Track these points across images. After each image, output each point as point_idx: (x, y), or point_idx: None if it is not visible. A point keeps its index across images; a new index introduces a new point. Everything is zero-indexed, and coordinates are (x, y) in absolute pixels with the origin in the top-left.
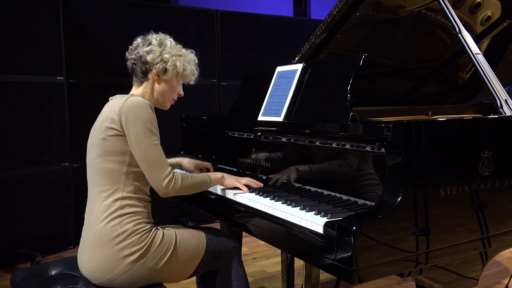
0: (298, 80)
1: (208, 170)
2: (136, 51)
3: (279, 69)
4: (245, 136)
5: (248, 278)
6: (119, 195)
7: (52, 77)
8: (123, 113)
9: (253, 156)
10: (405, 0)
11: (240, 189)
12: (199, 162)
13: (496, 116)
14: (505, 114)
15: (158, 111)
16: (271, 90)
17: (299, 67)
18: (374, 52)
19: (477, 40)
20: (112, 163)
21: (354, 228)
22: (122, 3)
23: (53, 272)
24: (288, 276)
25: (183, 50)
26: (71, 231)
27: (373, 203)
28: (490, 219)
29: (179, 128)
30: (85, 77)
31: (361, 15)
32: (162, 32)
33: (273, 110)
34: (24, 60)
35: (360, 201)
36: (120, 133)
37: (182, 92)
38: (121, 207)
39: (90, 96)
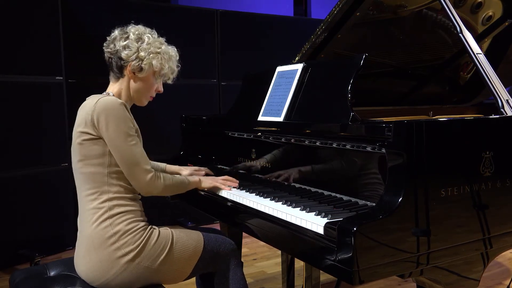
0: (299, 80)
1: (207, 175)
2: (112, 44)
3: (279, 69)
4: (245, 136)
5: (248, 279)
6: (105, 196)
7: (51, 77)
8: (95, 115)
9: (253, 156)
10: (406, 0)
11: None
12: (196, 168)
13: (498, 116)
14: (507, 114)
15: (155, 111)
16: (271, 90)
17: (299, 67)
18: (374, 52)
19: (478, 40)
20: (92, 167)
21: (355, 228)
22: (122, 3)
23: (52, 273)
24: (289, 277)
25: (163, 47)
26: (70, 231)
27: (374, 204)
28: (491, 220)
29: (179, 128)
30: (84, 77)
31: (362, 15)
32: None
33: (273, 110)
34: (23, 60)
35: (361, 202)
36: (94, 136)
37: (161, 89)
38: (110, 208)
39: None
